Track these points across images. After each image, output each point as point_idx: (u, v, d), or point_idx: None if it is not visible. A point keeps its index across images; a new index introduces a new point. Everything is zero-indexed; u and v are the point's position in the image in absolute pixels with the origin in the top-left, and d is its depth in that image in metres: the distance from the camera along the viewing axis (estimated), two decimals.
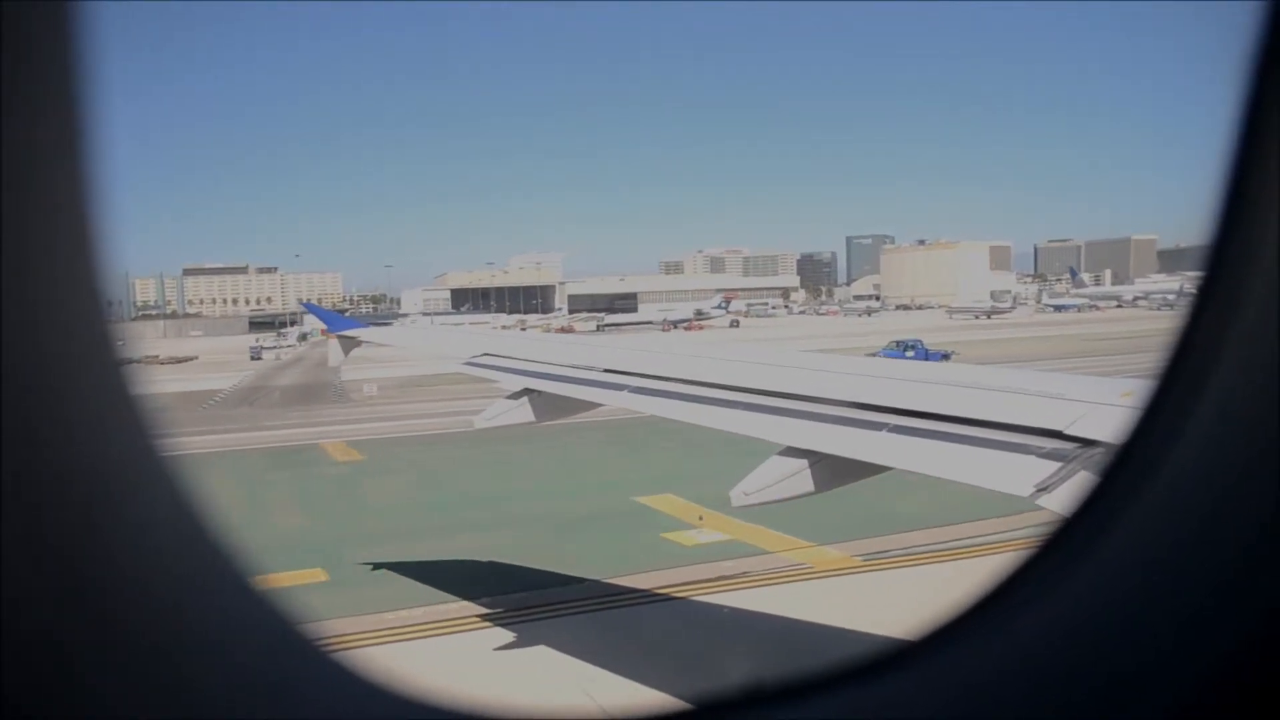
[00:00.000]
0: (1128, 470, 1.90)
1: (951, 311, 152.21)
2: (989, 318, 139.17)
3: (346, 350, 18.01)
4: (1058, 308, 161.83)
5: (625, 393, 10.27)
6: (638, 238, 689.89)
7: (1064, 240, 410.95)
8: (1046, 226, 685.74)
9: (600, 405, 11.07)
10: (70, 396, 1.41)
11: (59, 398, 1.37)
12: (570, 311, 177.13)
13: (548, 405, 11.37)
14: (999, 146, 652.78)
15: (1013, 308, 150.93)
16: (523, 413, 11.40)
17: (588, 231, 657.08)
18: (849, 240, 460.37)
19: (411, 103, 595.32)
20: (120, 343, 1.56)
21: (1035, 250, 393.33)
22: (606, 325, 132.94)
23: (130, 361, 1.59)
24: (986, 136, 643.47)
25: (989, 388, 7.37)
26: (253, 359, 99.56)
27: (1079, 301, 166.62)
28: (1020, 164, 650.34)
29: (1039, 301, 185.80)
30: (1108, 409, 5.91)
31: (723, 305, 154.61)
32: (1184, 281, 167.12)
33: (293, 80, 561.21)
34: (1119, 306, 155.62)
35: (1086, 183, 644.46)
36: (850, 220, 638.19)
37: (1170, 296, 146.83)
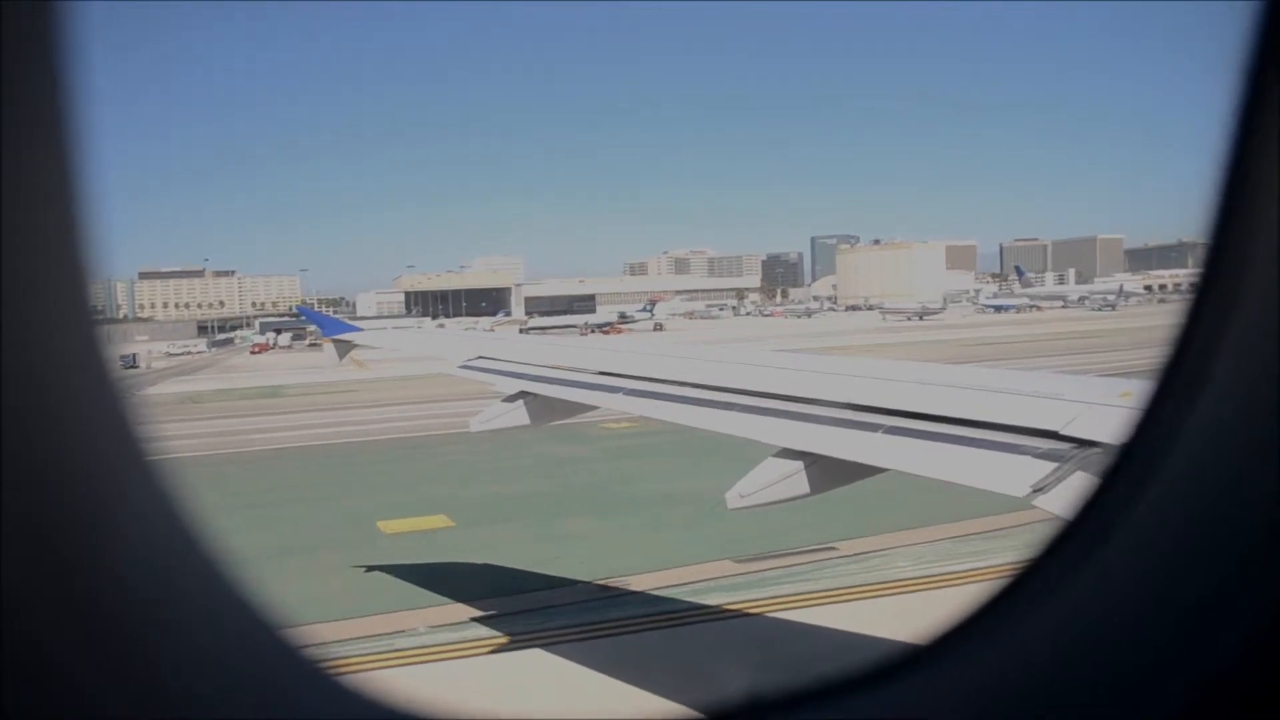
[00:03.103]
0: (1129, 471, 1.92)
1: (884, 313, 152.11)
2: (921, 319, 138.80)
3: (342, 354, 17.86)
4: (997, 308, 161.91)
5: (620, 395, 10.29)
6: (606, 240, 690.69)
7: (1030, 239, 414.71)
8: (1018, 226, 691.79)
9: (595, 407, 11.11)
10: (60, 399, 1.41)
11: (49, 400, 1.38)
12: (527, 314, 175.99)
13: (543, 408, 11.42)
14: (969, 146, 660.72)
15: (944, 308, 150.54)
16: (518, 415, 11.44)
17: (554, 234, 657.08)
18: (813, 241, 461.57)
19: (375, 106, 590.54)
20: (108, 344, 1.57)
21: (1001, 249, 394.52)
22: (529, 328, 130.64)
23: (118, 363, 1.63)
24: (957, 136, 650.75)
25: (985, 388, 7.40)
26: (124, 368, 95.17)
27: (1018, 302, 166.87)
28: (990, 164, 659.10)
29: (977, 301, 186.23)
30: (1104, 409, 5.93)
31: (647, 308, 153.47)
32: (1123, 283, 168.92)
33: (253, 85, 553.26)
34: (1064, 306, 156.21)
35: (1057, 182, 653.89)
36: (820, 221, 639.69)
37: (1110, 297, 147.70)
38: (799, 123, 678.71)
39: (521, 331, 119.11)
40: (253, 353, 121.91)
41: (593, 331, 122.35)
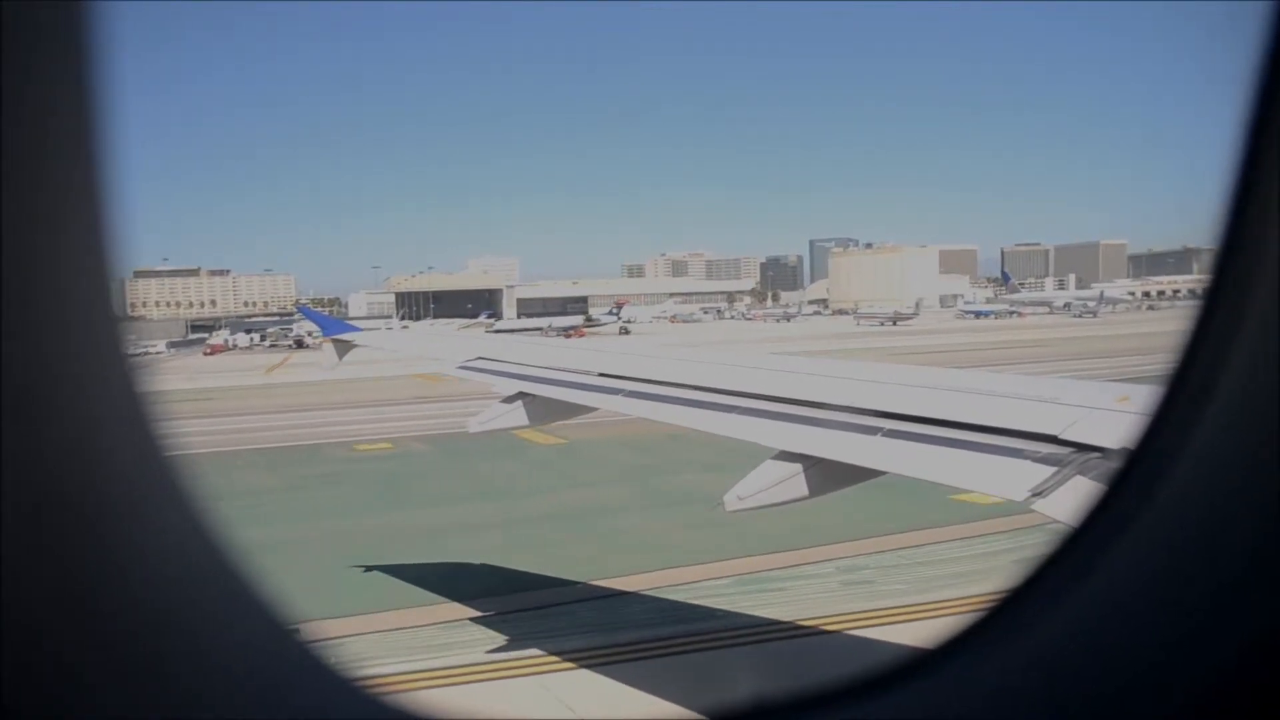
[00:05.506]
0: (1136, 476, 1.92)
1: (859, 318, 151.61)
2: (894, 324, 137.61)
3: (341, 354, 17.72)
4: (976, 314, 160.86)
5: (620, 396, 10.33)
6: (604, 242, 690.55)
7: (1033, 244, 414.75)
8: (1023, 231, 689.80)
9: (594, 409, 11.11)
10: (76, 395, 1.41)
11: (64, 397, 1.38)
12: (520, 315, 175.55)
13: (542, 409, 11.44)
14: (972, 150, 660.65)
15: (916, 314, 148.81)
16: (516, 416, 11.45)
17: (552, 236, 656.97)
18: (812, 244, 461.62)
19: (372, 107, 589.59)
20: (128, 340, 1.57)
21: (1002, 254, 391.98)
22: (496, 330, 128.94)
23: (136, 359, 1.61)
24: (960, 140, 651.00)
25: (984, 392, 7.43)
26: None
27: (998, 308, 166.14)
28: (995, 168, 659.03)
29: (957, 307, 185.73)
30: (1103, 414, 5.99)
31: (614, 311, 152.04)
32: (1103, 290, 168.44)
33: (252, 86, 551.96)
34: (1050, 312, 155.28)
35: (1062, 188, 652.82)
36: (822, 224, 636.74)
37: (1091, 304, 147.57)
38: (800, 125, 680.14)
39: (488, 333, 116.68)
40: (205, 354, 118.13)
41: (556, 334, 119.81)
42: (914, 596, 16.59)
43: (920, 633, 13.45)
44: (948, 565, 18.48)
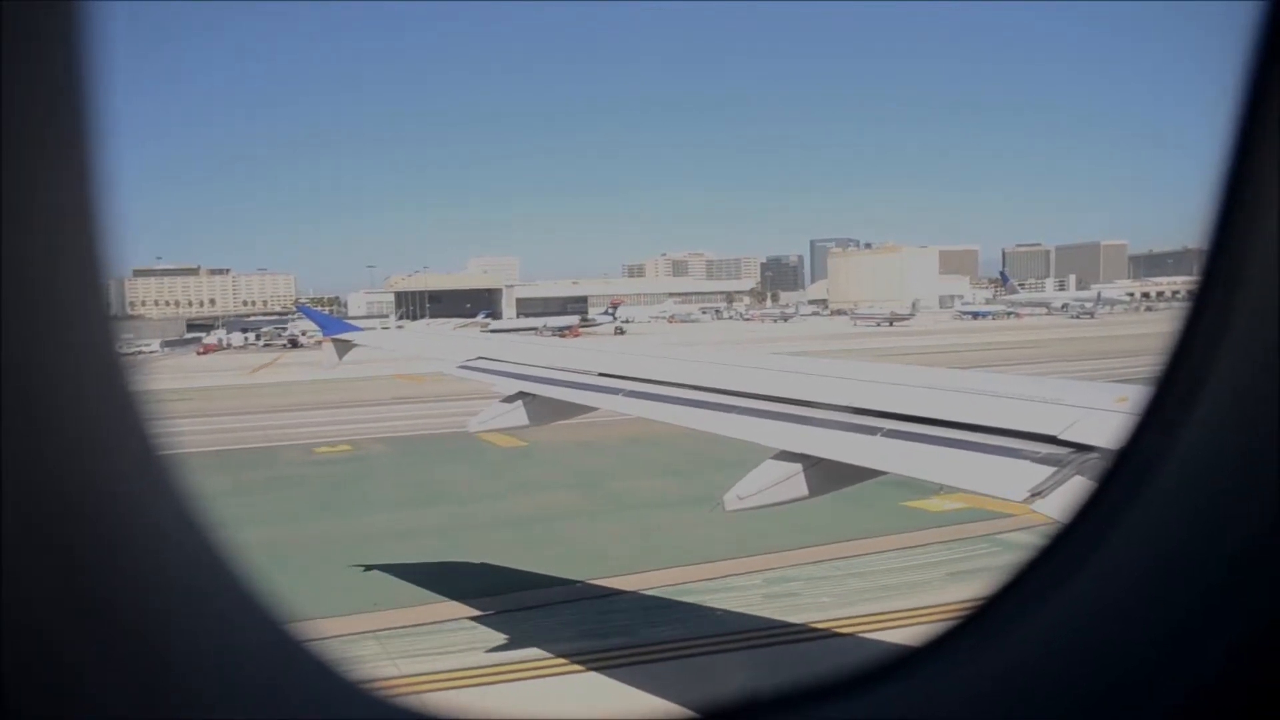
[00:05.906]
0: (1125, 475, 1.91)
1: (855, 318, 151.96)
2: (890, 325, 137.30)
3: (341, 353, 17.64)
4: (974, 315, 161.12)
5: (620, 396, 10.34)
6: (606, 242, 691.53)
7: (1034, 245, 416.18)
8: (1025, 231, 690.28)
9: (594, 409, 11.12)
10: (71, 396, 1.41)
11: (60, 397, 1.37)
12: (519, 315, 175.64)
13: (542, 409, 11.43)
14: (974, 150, 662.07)
15: (913, 314, 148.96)
16: (517, 416, 11.45)
17: (553, 236, 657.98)
18: (812, 244, 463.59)
19: (372, 107, 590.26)
20: (122, 341, 1.58)
21: (1003, 255, 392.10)
22: (491, 330, 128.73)
23: (130, 359, 1.60)
24: (962, 141, 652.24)
25: (984, 392, 7.44)
26: None
27: (995, 309, 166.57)
28: (997, 169, 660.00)
29: (955, 307, 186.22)
30: (1102, 414, 5.98)
31: (609, 311, 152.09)
32: (1100, 290, 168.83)
33: (252, 86, 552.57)
34: (1048, 313, 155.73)
35: (1064, 188, 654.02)
36: (824, 224, 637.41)
37: (1089, 305, 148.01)
38: (800, 125, 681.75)
39: (483, 333, 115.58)
40: (199, 354, 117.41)
41: (552, 334, 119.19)
42: (836, 610, 15.98)
43: (844, 646, 13.49)
44: (880, 577, 17.78)
